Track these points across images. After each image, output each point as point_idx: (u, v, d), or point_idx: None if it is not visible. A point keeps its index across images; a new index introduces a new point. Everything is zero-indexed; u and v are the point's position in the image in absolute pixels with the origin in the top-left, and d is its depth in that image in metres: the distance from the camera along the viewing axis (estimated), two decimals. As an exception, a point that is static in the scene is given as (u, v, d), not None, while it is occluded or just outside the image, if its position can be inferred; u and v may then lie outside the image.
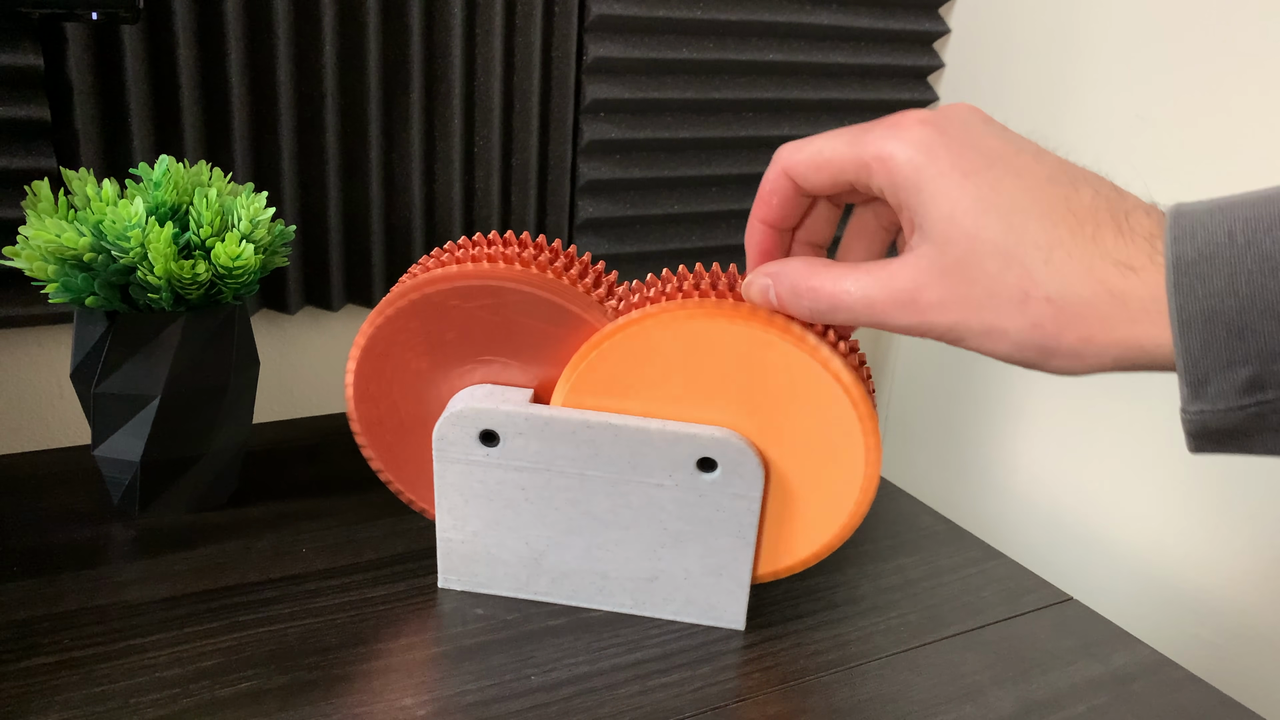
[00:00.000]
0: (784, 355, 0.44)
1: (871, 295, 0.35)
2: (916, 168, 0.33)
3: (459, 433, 0.48)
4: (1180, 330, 0.29)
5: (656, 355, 0.46)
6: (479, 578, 0.52)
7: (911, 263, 0.34)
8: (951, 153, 0.33)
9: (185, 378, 0.53)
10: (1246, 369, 0.29)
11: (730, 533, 0.48)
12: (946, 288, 0.33)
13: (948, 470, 0.97)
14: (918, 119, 0.34)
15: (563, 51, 0.74)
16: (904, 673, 0.49)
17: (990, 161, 0.33)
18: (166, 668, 0.45)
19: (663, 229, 0.85)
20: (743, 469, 0.46)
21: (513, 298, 0.47)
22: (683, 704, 0.45)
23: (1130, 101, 0.78)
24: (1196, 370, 0.30)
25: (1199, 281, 0.29)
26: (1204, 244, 0.29)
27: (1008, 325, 0.32)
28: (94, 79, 0.60)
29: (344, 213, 0.71)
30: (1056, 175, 0.33)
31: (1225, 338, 0.29)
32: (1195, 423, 0.31)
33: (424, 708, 0.43)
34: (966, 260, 0.32)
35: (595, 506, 0.48)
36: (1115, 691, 0.48)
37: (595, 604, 0.51)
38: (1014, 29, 0.87)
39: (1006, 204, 0.32)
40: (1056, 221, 0.31)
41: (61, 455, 0.64)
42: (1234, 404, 0.29)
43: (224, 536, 0.56)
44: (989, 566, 0.59)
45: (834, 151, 0.36)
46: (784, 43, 0.84)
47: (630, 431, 0.46)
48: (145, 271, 0.50)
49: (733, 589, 0.50)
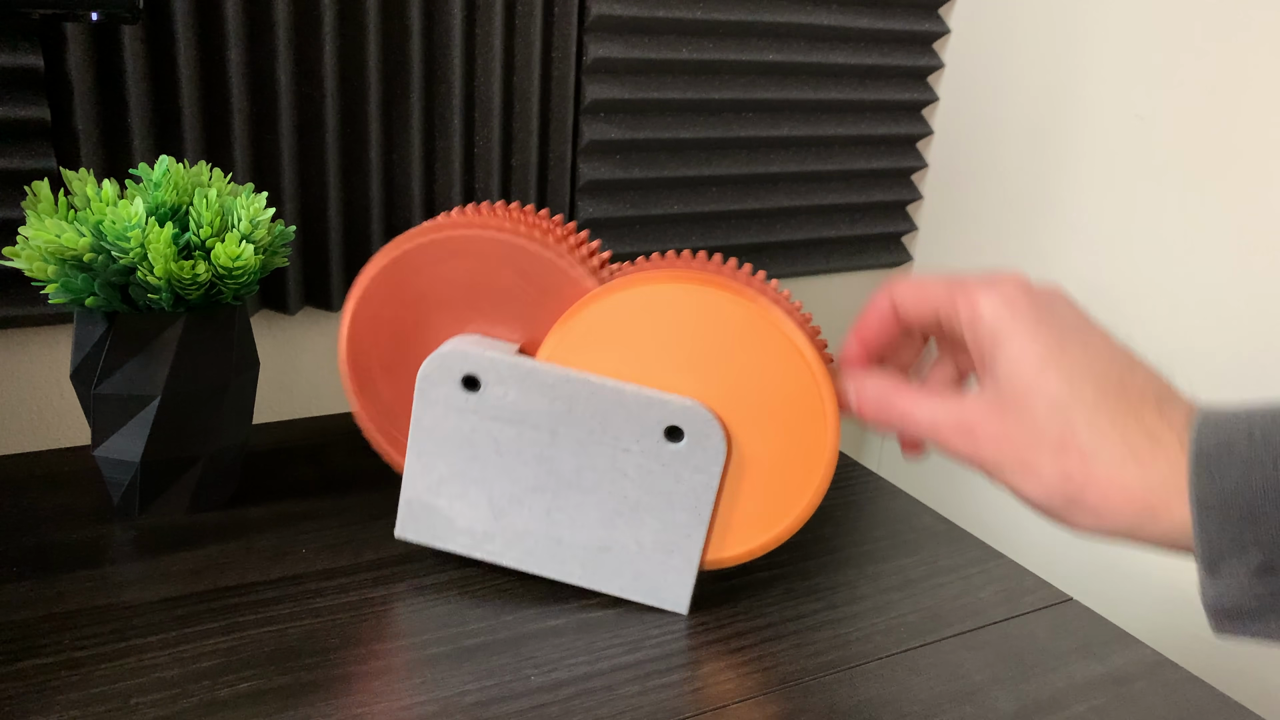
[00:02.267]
0: (755, 326, 0.47)
1: (937, 420, 0.39)
2: (997, 314, 0.37)
3: (443, 374, 0.49)
4: (1198, 512, 0.32)
5: (640, 321, 0.48)
6: (436, 530, 0.52)
7: (975, 398, 0.38)
8: (1033, 313, 0.37)
9: (185, 378, 0.53)
10: (1259, 554, 0.31)
11: (686, 507, 0.49)
12: (1000, 425, 0.37)
13: (948, 470, 0.97)
14: (1014, 279, 0.39)
15: (563, 51, 0.74)
16: (904, 673, 0.49)
17: (1065, 330, 0.37)
18: (166, 668, 0.45)
19: (663, 229, 0.85)
20: (707, 441, 0.48)
21: (516, 255, 0.50)
22: (683, 704, 0.45)
23: (1130, 101, 0.78)
24: (1212, 550, 0.32)
25: (1218, 469, 0.32)
26: (1225, 437, 0.32)
27: (1043, 469, 0.35)
28: (94, 79, 0.60)
29: (344, 213, 0.71)
30: (1118, 356, 0.36)
31: (1239, 521, 0.31)
32: (1214, 602, 0.33)
33: (424, 708, 0.43)
34: (1022, 404, 0.36)
35: (562, 465, 0.50)
36: (1115, 691, 0.48)
37: (546, 571, 0.52)
38: (1014, 29, 0.87)
39: (1069, 365, 0.36)
40: (1108, 391, 0.35)
41: (61, 455, 0.64)
42: (1246, 586, 0.32)
43: (224, 536, 0.56)
44: (989, 566, 0.59)
45: (934, 286, 0.41)
46: (784, 43, 0.84)
47: (606, 391, 0.48)
48: (145, 272, 0.50)
49: (681, 569, 0.51)
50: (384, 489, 0.60)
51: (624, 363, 0.49)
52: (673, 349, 0.48)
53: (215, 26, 0.62)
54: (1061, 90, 0.83)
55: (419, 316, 0.52)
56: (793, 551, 0.59)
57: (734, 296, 0.47)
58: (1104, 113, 0.80)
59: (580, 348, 0.49)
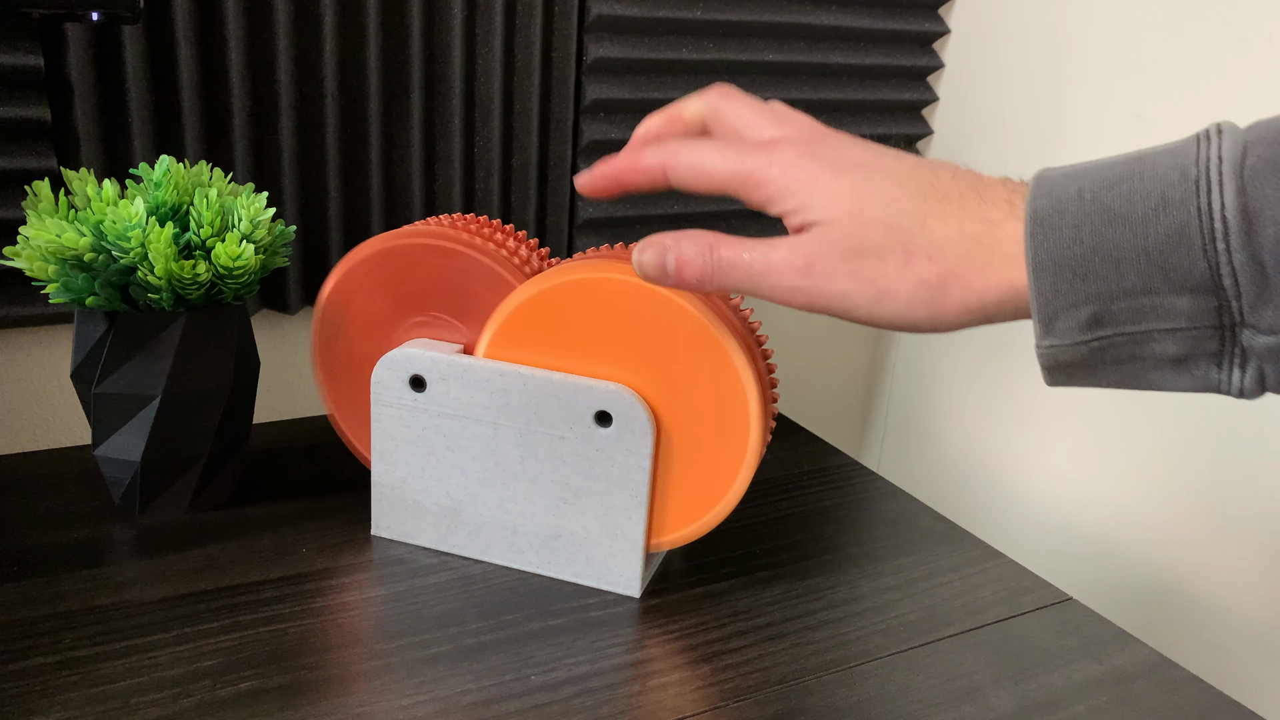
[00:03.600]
0: (675, 313, 0.48)
1: (770, 261, 0.38)
2: (791, 180, 0.37)
3: (392, 376, 0.53)
4: (1034, 274, 0.33)
5: (564, 311, 0.50)
6: (406, 526, 0.55)
7: (805, 237, 0.37)
8: (821, 162, 0.37)
9: (185, 378, 0.53)
10: (1089, 308, 0.33)
11: (624, 490, 0.51)
12: (837, 259, 0.36)
13: (948, 470, 0.97)
14: (787, 141, 0.39)
15: (563, 51, 0.74)
16: (904, 673, 0.49)
17: (858, 162, 0.37)
18: (166, 668, 0.45)
19: (662, 229, 0.85)
20: (634, 424, 0.50)
21: (457, 260, 0.54)
22: (683, 704, 0.45)
23: (1130, 101, 0.78)
24: (1047, 309, 0.33)
25: (1051, 231, 0.33)
26: (1057, 200, 0.33)
27: (897, 286, 0.36)
28: (94, 79, 0.60)
29: (344, 213, 0.71)
30: (917, 166, 0.37)
31: (1071, 280, 0.33)
32: (1047, 356, 0.34)
33: (424, 708, 0.43)
34: (854, 234, 0.36)
35: (506, 456, 0.52)
36: (1115, 691, 0.48)
37: (505, 560, 0.54)
38: (1014, 29, 0.87)
39: (879, 188, 0.36)
40: (925, 197, 0.36)
41: (61, 455, 0.64)
42: (1079, 339, 0.33)
43: (224, 536, 0.56)
44: (989, 566, 0.59)
45: (714, 165, 0.39)
46: (784, 43, 0.84)
47: (536, 381, 0.50)
48: (145, 271, 0.50)
49: (627, 552, 0.52)
50: (384, 489, 0.60)
51: (557, 354, 0.51)
52: (599, 339, 0.50)
53: (215, 26, 0.62)
54: (1061, 90, 0.83)
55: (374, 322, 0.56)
56: (793, 551, 0.59)
57: (639, 284, 0.48)
58: (1104, 113, 0.80)
59: (514, 343, 0.51)
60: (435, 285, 0.55)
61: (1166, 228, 0.31)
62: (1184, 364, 0.33)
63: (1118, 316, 0.32)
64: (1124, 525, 0.80)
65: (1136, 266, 0.31)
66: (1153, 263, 0.31)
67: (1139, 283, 0.32)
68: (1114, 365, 0.34)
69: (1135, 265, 0.32)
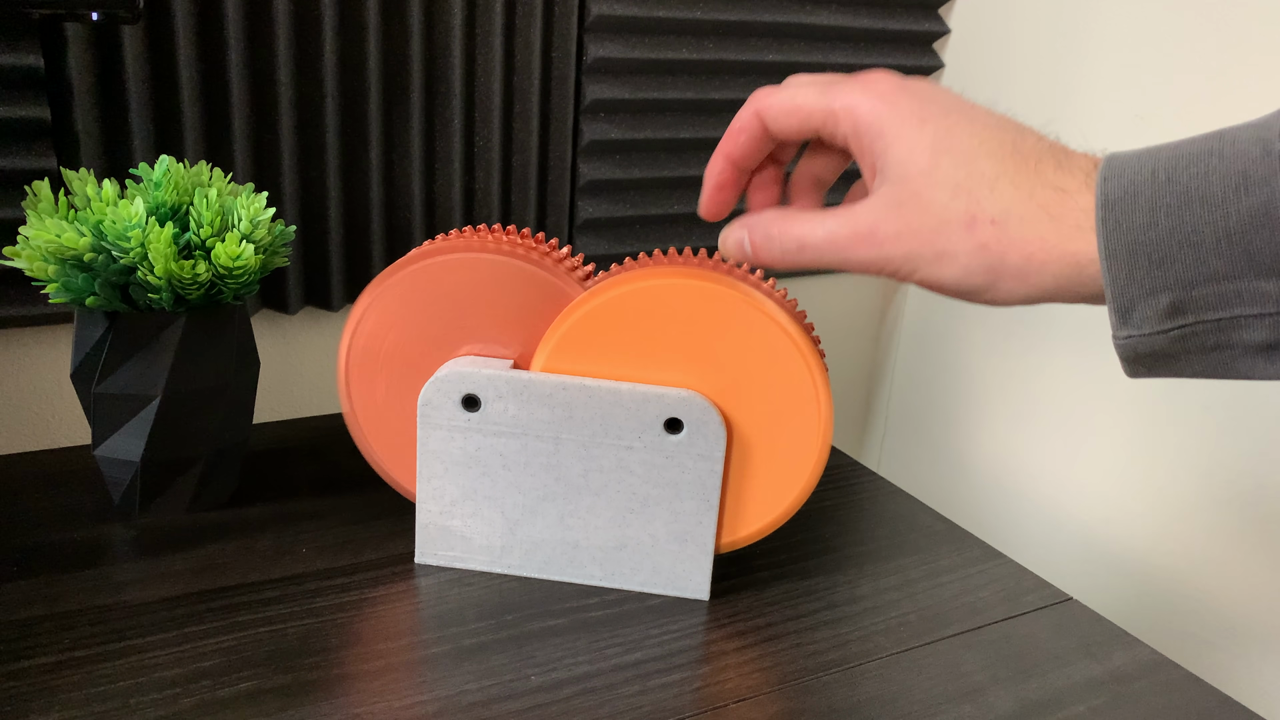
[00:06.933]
0: (738, 312, 0.48)
1: (835, 232, 0.37)
2: (879, 115, 0.36)
3: (442, 397, 0.51)
4: (1107, 261, 0.32)
5: (626, 319, 0.49)
6: (455, 551, 0.54)
7: (871, 202, 0.37)
8: (912, 103, 0.36)
9: (185, 378, 0.53)
10: (1167, 295, 0.31)
11: (695, 495, 0.50)
12: (902, 220, 0.36)
13: (948, 470, 0.97)
14: (884, 76, 0.37)
15: (563, 51, 0.74)
16: (904, 673, 0.49)
17: (946, 111, 0.36)
18: (166, 668, 0.45)
19: (663, 229, 0.85)
20: (706, 428, 0.49)
21: (499, 271, 0.51)
22: (683, 704, 0.45)
23: (1130, 101, 0.78)
24: (1123, 298, 0.32)
25: (1124, 216, 0.31)
26: (1130, 182, 0.31)
27: (957, 248, 0.35)
28: (94, 79, 0.60)
29: (344, 213, 0.71)
30: (1005, 124, 0.36)
31: (1147, 267, 0.31)
32: (1126, 348, 0.33)
33: (424, 708, 0.43)
34: (921, 194, 0.35)
35: (568, 471, 0.51)
36: (1115, 691, 0.48)
37: (566, 576, 0.53)
38: (1014, 29, 0.87)
39: (959, 145, 0.35)
40: (1003, 158, 0.34)
41: (61, 455, 0.64)
42: (1158, 328, 0.32)
43: (224, 536, 0.56)
44: (989, 566, 0.59)
45: (805, 99, 0.38)
46: (784, 43, 0.84)
47: (602, 393, 0.49)
48: (145, 271, 0.50)
49: (697, 556, 0.52)
50: (384, 488, 0.60)
51: (617, 364, 0.50)
52: (662, 345, 0.49)
53: (215, 26, 0.62)
54: (1061, 90, 0.83)
55: (416, 336, 0.53)
56: (793, 551, 0.59)
57: (710, 286, 0.48)
58: (1104, 113, 0.80)
59: (573, 354, 0.50)
60: (477, 299, 0.52)
61: (1249, 208, 0.29)
62: (1274, 351, 0.31)
63: (1199, 303, 0.31)
64: (1124, 525, 0.80)
65: (1218, 250, 0.30)
66: (1235, 245, 0.30)
67: (1221, 267, 0.30)
68: (1198, 354, 0.32)
69: (1216, 249, 0.30)
